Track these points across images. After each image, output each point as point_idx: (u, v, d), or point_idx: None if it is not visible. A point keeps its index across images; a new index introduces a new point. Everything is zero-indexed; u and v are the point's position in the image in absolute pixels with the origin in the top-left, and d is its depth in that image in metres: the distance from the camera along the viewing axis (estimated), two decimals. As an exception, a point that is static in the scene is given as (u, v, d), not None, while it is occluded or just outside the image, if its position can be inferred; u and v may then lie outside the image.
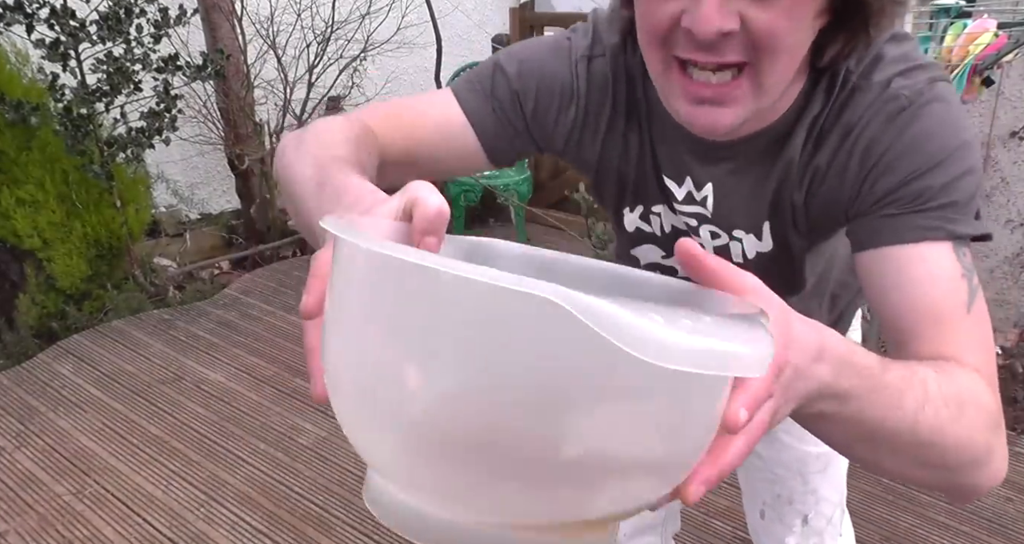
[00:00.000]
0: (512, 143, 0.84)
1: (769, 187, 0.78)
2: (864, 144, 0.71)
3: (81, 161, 3.18)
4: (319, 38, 4.29)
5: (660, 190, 0.85)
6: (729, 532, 1.99)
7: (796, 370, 0.45)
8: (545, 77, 0.81)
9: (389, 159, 0.77)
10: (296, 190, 0.66)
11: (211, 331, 3.19)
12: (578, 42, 0.82)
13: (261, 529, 2.05)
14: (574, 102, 0.82)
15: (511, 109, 0.82)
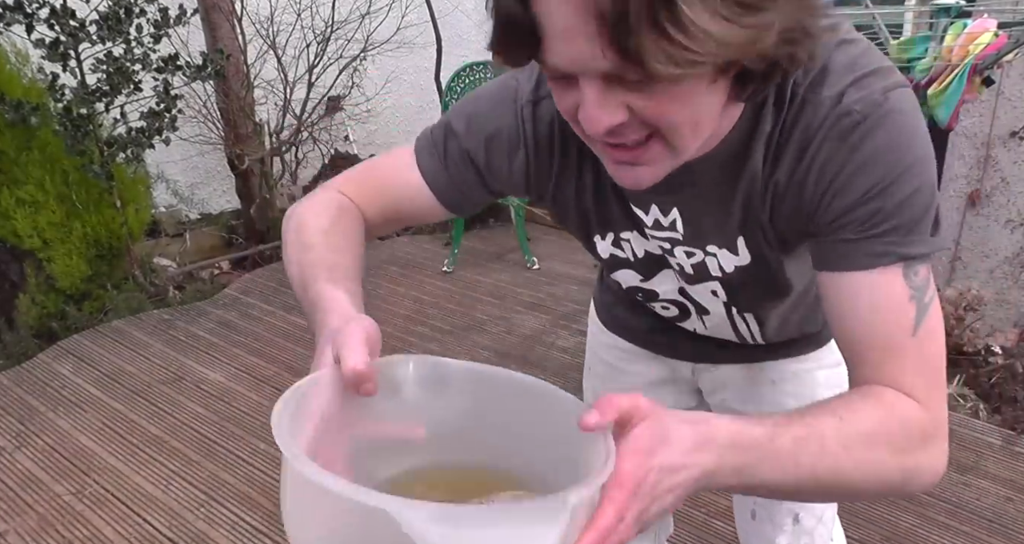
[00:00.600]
0: (468, 196, 0.89)
1: (736, 204, 0.79)
2: (819, 163, 0.71)
3: (81, 161, 3.18)
4: (319, 38, 4.28)
5: (627, 217, 0.87)
6: (730, 532, 1.99)
7: (666, 469, 0.56)
8: (492, 130, 0.84)
9: (374, 221, 0.91)
10: (292, 285, 0.83)
11: (211, 331, 3.19)
12: (523, 86, 0.84)
13: (261, 529, 2.05)
14: (522, 146, 0.84)
15: (463, 167, 0.87)
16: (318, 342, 0.66)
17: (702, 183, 0.78)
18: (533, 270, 3.78)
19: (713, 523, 2.02)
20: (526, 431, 0.65)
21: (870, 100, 0.69)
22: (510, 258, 3.93)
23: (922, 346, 0.70)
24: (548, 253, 3.97)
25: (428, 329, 3.17)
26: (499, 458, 0.66)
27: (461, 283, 3.65)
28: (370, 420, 0.65)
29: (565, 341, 3.04)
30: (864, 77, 0.70)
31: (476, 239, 4.18)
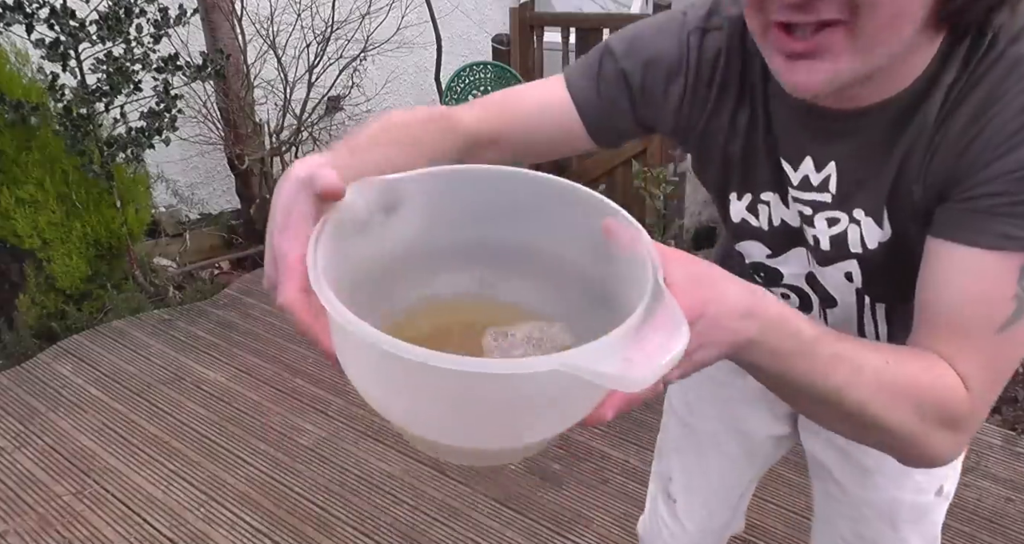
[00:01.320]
0: (616, 123, 0.84)
1: (894, 160, 0.71)
2: (998, 122, 0.63)
3: (81, 161, 3.18)
4: (319, 38, 4.28)
5: (772, 175, 0.80)
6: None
7: (712, 321, 0.52)
8: (653, 52, 0.79)
9: (480, 140, 0.80)
10: None
11: (211, 331, 3.19)
12: (693, 14, 0.79)
13: (261, 529, 2.05)
14: (682, 74, 0.79)
15: (617, 88, 0.81)
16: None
17: (868, 133, 0.71)
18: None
19: (713, 523, 2.03)
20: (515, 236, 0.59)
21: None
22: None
23: (1000, 347, 0.64)
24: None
25: (428, 329, 3.17)
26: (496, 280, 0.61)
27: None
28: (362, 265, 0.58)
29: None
30: None
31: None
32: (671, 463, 1.22)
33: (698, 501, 1.21)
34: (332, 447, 2.40)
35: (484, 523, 2.05)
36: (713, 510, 1.21)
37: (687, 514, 1.22)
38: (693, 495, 1.21)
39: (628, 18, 5.49)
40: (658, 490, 1.25)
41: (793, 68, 0.63)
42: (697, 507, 1.21)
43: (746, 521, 2.00)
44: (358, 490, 2.20)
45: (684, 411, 1.18)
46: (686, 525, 1.22)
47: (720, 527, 1.24)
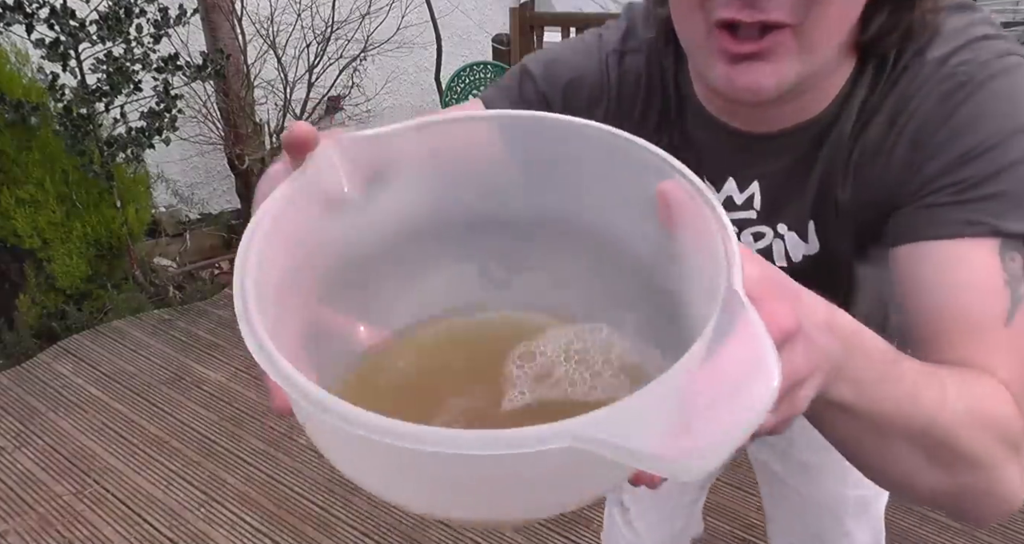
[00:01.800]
0: None
1: (814, 178, 0.71)
2: (914, 126, 0.63)
3: (81, 161, 3.18)
4: (319, 38, 4.29)
5: None
6: (728, 531, 1.99)
7: (808, 341, 0.39)
8: (573, 75, 0.77)
9: None
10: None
11: (211, 331, 3.19)
12: (609, 37, 0.78)
13: (261, 529, 2.05)
14: (604, 97, 0.77)
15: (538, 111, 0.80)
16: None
17: (789, 153, 0.71)
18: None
19: (711, 522, 2.02)
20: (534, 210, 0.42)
21: (980, 60, 0.61)
22: (510, 258, 3.93)
23: (1016, 339, 0.58)
24: (548, 253, 3.97)
25: (428, 329, 3.17)
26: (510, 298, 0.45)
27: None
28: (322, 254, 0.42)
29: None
30: (977, 41, 0.63)
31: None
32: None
33: (650, 508, 1.25)
34: (332, 447, 2.40)
35: (484, 523, 2.05)
36: (664, 517, 1.25)
37: (640, 522, 1.25)
38: (643, 504, 1.24)
39: (628, 18, 5.50)
40: (612, 501, 1.29)
41: (737, 71, 0.60)
42: (649, 515, 1.24)
43: (746, 520, 2.01)
44: (358, 490, 2.19)
45: None
46: (640, 532, 1.25)
47: (677, 532, 1.28)
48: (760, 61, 0.59)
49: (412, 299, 0.45)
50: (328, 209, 0.40)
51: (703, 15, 0.60)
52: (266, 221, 0.37)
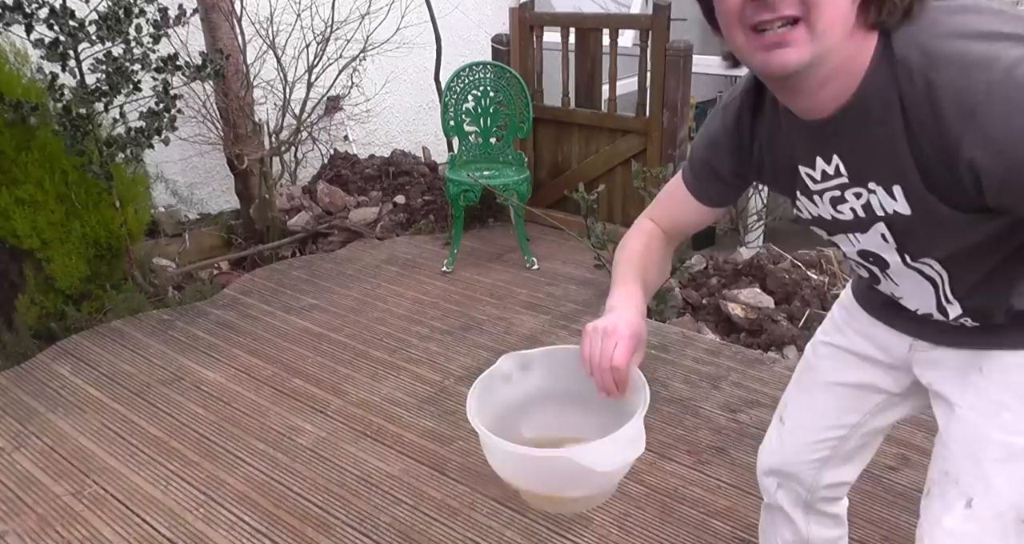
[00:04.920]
0: (732, 195, 1.23)
1: (881, 145, 0.89)
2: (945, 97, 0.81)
3: (80, 161, 3.18)
4: (319, 38, 4.29)
5: (794, 182, 1.06)
6: (729, 532, 1.99)
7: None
8: (712, 140, 1.16)
9: (668, 230, 1.26)
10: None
11: (210, 331, 3.19)
12: (724, 99, 1.14)
13: (261, 529, 2.05)
14: (728, 143, 1.13)
15: (705, 172, 1.20)
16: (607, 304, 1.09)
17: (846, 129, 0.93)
18: (532, 270, 3.78)
19: (712, 523, 2.02)
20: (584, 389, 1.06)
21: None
22: (509, 258, 3.93)
23: None
24: (548, 253, 3.97)
25: (427, 329, 3.17)
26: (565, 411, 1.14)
27: (461, 283, 3.65)
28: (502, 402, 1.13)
29: (564, 341, 3.04)
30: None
31: (476, 239, 4.18)
32: (789, 392, 1.40)
33: (801, 427, 1.36)
34: (331, 447, 2.39)
35: (484, 523, 2.05)
36: (808, 441, 1.34)
37: (789, 435, 1.37)
38: (798, 422, 1.36)
39: (628, 18, 5.50)
40: (776, 413, 1.42)
41: (770, 55, 0.86)
42: (799, 432, 1.36)
43: (746, 521, 2.01)
44: (358, 490, 2.20)
45: (810, 351, 1.36)
46: (784, 443, 1.38)
47: (818, 461, 1.35)
48: (784, 48, 0.85)
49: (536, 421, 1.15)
50: (504, 382, 1.14)
51: (741, 26, 0.87)
52: (479, 384, 1.09)
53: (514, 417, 1.12)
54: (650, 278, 1.19)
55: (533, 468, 1.00)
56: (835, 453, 1.34)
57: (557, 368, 1.12)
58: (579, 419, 1.11)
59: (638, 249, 1.21)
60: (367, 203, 4.59)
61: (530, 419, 1.13)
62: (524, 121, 3.94)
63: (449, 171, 3.85)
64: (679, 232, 1.28)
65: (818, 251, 3.57)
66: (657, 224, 1.26)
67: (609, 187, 3.95)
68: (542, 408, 1.14)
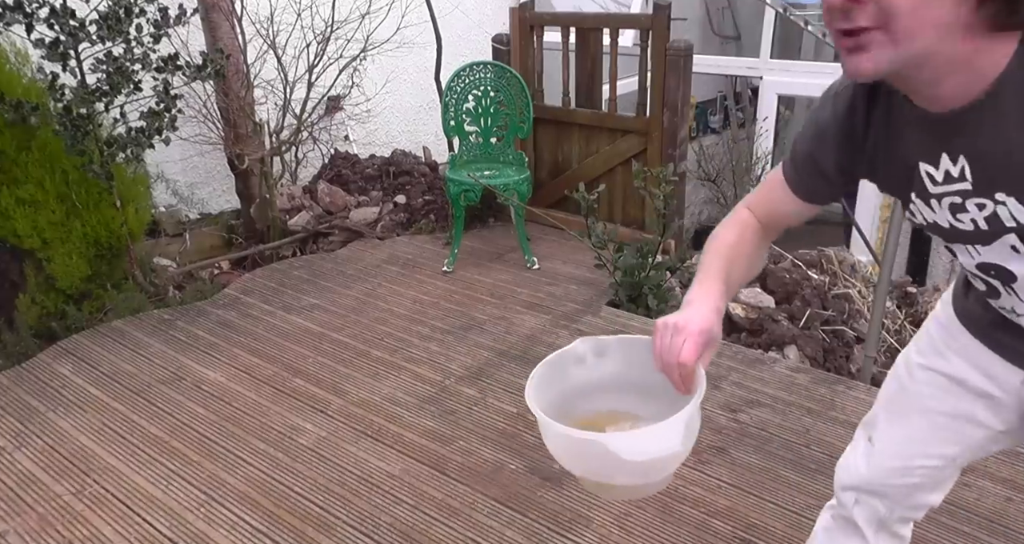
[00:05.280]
0: (833, 193, 1.13)
1: (1017, 150, 0.83)
2: None
3: (81, 161, 3.18)
4: (319, 38, 4.29)
5: (911, 180, 0.98)
6: (729, 532, 1.99)
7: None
8: (819, 130, 1.06)
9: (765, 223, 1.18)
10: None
11: (211, 331, 3.20)
12: (833, 87, 1.05)
13: (261, 529, 2.05)
14: (838, 134, 1.03)
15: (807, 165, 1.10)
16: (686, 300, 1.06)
17: (972, 127, 0.87)
18: (533, 270, 3.78)
19: (712, 523, 2.02)
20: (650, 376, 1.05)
21: None
22: (510, 258, 3.93)
23: None
24: (548, 253, 3.97)
25: (428, 329, 3.17)
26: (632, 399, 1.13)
27: (461, 283, 3.65)
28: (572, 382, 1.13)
29: (565, 341, 3.02)
30: None
31: (476, 239, 4.18)
32: (879, 412, 1.31)
33: (892, 453, 1.27)
34: (332, 447, 2.40)
35: (484, 523, 2.05)
36: (899, 466, 1.26)
37: (879, 458, 1.28)
38: (889, 446, 1.27)
39: (628, 18, 5.50)
40: (863, 431, 1.33)
41: (849, 60, 0.84)
42: (889, 458, 1.27)
43: (746, 521, 2.01)
44: (358, 490, 2.20)
45: (905, 372, 1.25)
46: (872, 466, 1.29)
47: (908, 487, 1.27)
48: (859, 53, 0.82)
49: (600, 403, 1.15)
50: (577, 364, 1.14)
51: (831, 27, 0.84)
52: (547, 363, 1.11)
53: (580, 399, 1.11)
54: (736, 273, 1.12)
55: (574, 449, 1.01)
56: (927, 481, 1.26)
57: (632, 357, 1.10)
58: (643, 409, 1.10)
59: (729, 241, 1.15)
60: (368, 203, 4.59)
61: (595, 403, 1.12)
62: (524, 121, 3.94)
63: (449, 171, 3.85)
64: (776, 224, 1.19)
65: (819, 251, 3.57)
66: (754, 213, 1.18)
67: (609, 187, 3.95)
68: (610, 395, 1.13)
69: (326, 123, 4.91)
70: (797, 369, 2.81)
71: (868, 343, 2.87)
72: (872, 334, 2.84)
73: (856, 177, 1.08)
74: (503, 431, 2.45)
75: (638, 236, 3.77)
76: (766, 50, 6.59)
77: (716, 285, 1.06)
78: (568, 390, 1.10)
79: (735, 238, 1.15)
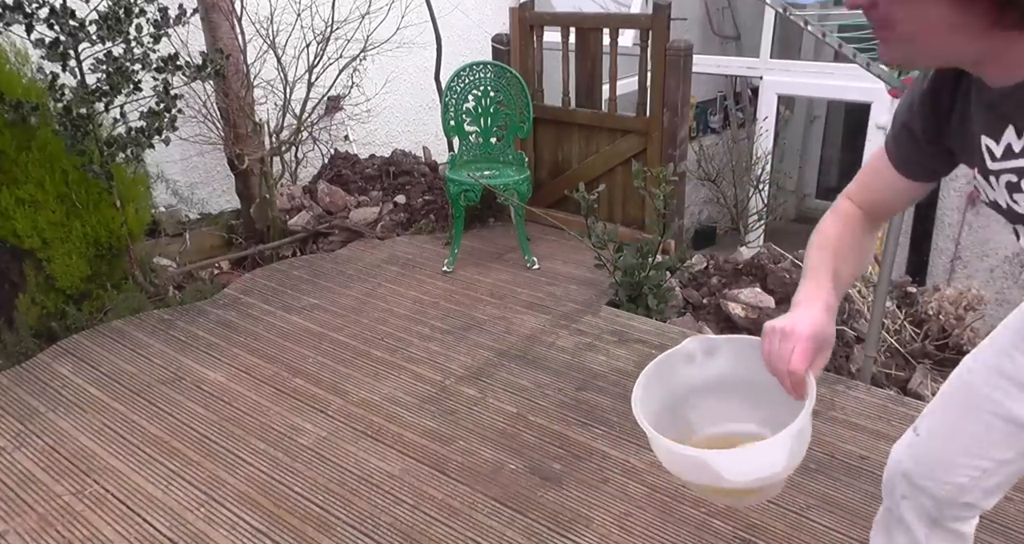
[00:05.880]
0: (928, 165, 1.09)
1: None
2: None
3: (81, 161, 3.18)
4: (319, 38, 4.29)
5: (975, 153, 0.98)
6: (730, 532, 1.99)
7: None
8: (910, 101, 1.06)
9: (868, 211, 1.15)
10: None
11: (211, 331, 3.19)
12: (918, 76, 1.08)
13: (261, 529, 2.05)
14: (924, 104, 1.03)
15: (905, 137, 1.08)
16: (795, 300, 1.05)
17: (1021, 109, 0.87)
18: (533, 270, 3.78)
19: (712, 523, 2.02)
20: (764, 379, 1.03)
21: None
22: (510, 258, 3.93)
23: None
24: (548, 253, 3.97)
25: (428, 329, 3.17)
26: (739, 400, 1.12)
27: (461, 283, 3.65)
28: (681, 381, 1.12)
29: (565, 341, 3.04)
30: None
31: (476, 239, 4.18)
32: (935, 403, 1.28)
33: (936, 447, 1.24)
34: (332, 447, 2.40)
35: (484, 523, 2.05)
36: (941, 462, 1.23)
37: (921, 447, 1.26)
38: (935, 439, 1.24)
39: (628, 18, 5.50)
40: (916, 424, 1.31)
41: (880, 47, 0.89)
42: (934, 451, 1.24)
43: (746, 521, 2.01)
44: (358, 490, 2.20)
45: (971, 370, 1.22)
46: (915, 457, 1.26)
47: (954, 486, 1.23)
48: (882, 43, 0.88)
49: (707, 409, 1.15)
50: (687, 362, 1.12)
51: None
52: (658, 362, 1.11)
53: (690, 397, 1.12)
54: (846, 268, 1.08)
55: (677, 461, 1.01)
56: (976, 485, 1.21)
57: (741, 357, 1.08)
58: (753, 411, 1.11)
59: (833, 235, 1.12)
60: (368, 203, 4.59)
61: (704, 403, 1.13)
62: (524, 121, 3.94)
63: (449, 171, 3.85)
64: (880, 211, 1.15)
65: (818, 251, 3.56)
66: (855, 202, 1.15)
67: (609, 187, 3.95)
68: (718, 394, 1.12)
69: (326, 123, 4.91)
70: (797, 369, 2.80)
71: (868, 343, 2.87)
72: (872, 334, 2.84)
73: (946, 150, 1.05)
74: (503, 431, 2.45)
75: (638, 236, 3.77)
76: (766, 50, 6.59)
77: (825, 283, 1.03)
78: (677, 389, 1.11)
79: (839, 231, 1.12)
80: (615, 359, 2.86)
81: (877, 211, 1.15)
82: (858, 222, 1.14)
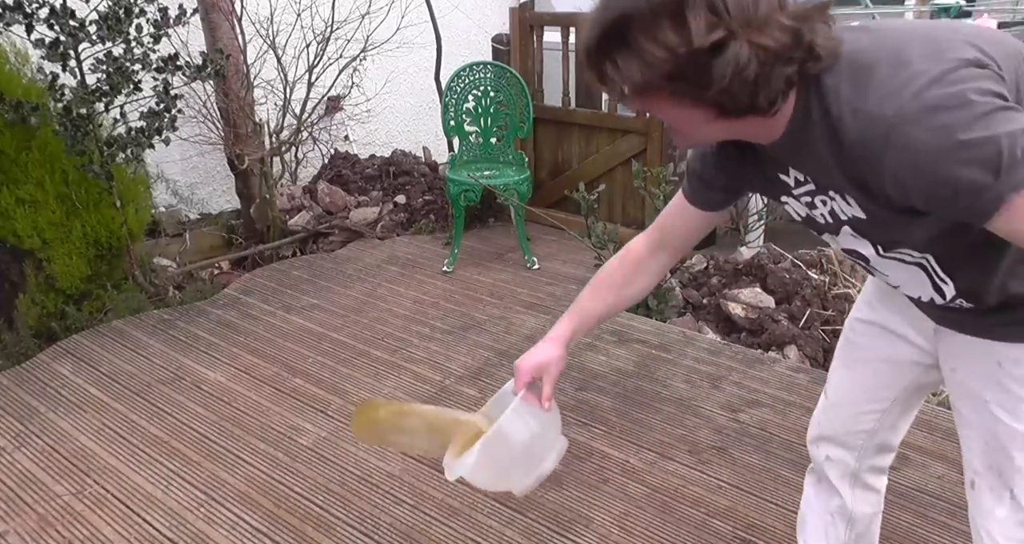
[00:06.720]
0: (719, 200, 1.26)
1: (827, 166, 0.99)
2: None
3: (81, 161, 3.18)
4: (319, 38, 4.29)
5: (775, 185, 1.15)
6: (730, 532, 1.99)
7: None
8: (704, 156, 1.23)
9: (667, 243, 1.33)
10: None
11: (211, 331, 3.20)
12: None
13: (261, 529, 2.05)
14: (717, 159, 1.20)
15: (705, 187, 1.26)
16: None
17: (791, 155, 1.06)
18: (533, 270, 3.78)
19: (712, 523, 2.03)
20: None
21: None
22: (510, 258, 3.93)
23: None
24: (548, 253, 3.97)
25: (428, 329, 3.17)
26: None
27: (461, 283, 3.65)
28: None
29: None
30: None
31: (476, 239, 4.18)
32: (832, 367, 1.47)
33: (844, 402, 1.43)
34: (332, 447, 2.40)
35: (484, 523, 2.05)
36: (852, 414, 1.42)
37: (833, 410, 1.45)
38: (840, 396, 1.44)
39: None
40: (826, 384, 1.49)
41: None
42: (842, 407, 1.44)
43: (746, 521, 2.01)
44: (358, 490, 2.20)
45: (848, 328, 1.41)
46: (829, 418, 1.46)
47: (864, 433, 1.42)
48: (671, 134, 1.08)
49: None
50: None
51: None
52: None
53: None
54: (598, 305, 1.36)
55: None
56: (881, 425, 1.40)
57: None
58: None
59: (604, 273, 1.36)
60: (368, 203, 4.59)
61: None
62: (524, 121, 3.94)
63: (449, 171, 3.85)
64: (679, 240, 1.34)
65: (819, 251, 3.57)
66: (649, 238, 1.34)
67: (609, 187, 3.95)
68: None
69: (326, 123, 4.91)
70: (797, 369, 2.81)
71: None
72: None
73: (734, 188, 1.25)
74: (503, 431, 2.45)
75: (638, 236, 3.76)
76: (766, 50, 6.58)
77: (569, 319, 1.37)
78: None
79: (612, 269, 1.36)
80: (615, 359, 2.86)
81: (676, 241, 1.33)
82: (633, 261, 1.34)
